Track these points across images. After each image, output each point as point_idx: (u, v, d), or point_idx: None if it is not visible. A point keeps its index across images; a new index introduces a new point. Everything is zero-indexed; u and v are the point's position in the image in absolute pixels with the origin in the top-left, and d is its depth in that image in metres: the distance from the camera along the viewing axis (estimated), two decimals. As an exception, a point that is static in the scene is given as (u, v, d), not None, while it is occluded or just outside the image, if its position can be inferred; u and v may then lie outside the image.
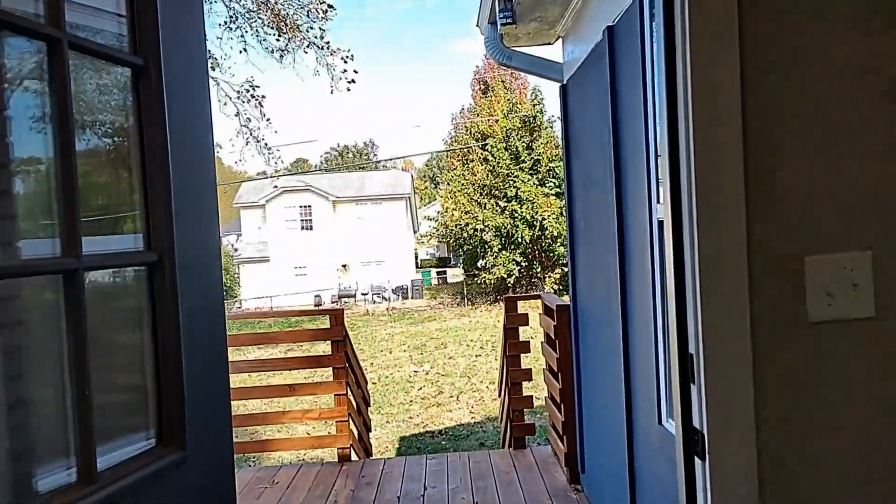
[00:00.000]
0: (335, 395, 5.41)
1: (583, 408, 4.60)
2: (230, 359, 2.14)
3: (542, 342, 5.42)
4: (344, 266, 40.89)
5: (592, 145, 3.84)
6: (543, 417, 8.22)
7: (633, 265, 3.09)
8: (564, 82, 4.56)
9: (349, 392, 5.52)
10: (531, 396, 5.75)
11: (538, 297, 5.60)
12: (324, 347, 10.11)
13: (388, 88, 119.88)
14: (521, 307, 5.66)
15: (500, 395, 6.72)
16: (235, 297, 32.50)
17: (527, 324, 5.61)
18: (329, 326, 5.40)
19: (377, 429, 9.90)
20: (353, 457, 5.68)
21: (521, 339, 5.66)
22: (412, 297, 36.99)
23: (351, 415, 5.53)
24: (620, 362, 3.28)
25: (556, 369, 4.93)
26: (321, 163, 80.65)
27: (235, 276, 33.56)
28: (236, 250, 38.04)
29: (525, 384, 5.72)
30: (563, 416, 4.85)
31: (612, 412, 3.54)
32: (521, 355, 5.69)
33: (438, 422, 10.19)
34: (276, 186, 40.01)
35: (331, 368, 5.39)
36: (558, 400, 4.95)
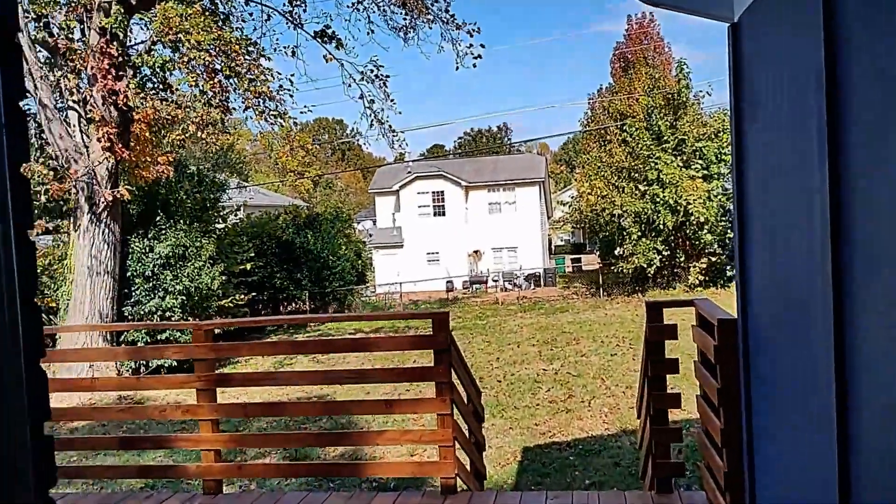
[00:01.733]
0: (438, 414, 4.55)
1: (755, 457, 3.44)
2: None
3: (696, 362, 4.26)
4: (476, 252, 40.32)
5: (784, 106, 2.66)
6: (693, 451, 6.97)
7: (857, 267, 1.96)
8: (736, 19, 3.36)
9: (454, 411, 4.63)
10: (680, 428, 4.60)
11: (691, 304, 4.42)
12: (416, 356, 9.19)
13: (522, 70, 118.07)
14: (668, 316, 4.51)
15: (639, 417, 5.61)
16: (367, 283, 32.76)
17: (675, 337, 4.47)
18: (432, 333, 4.54)
19: (499, 436, 9.01)
20: (460, 485, 4.81)
21: (668, 354, 4.52)
22: (545, 285, 35.78)
23: (457, 439, 4.65)
24: (829, 402, 2.14)
25: (716, 403, 3.79)
26: (455, 147, 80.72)
27: (368, 261, 33.87)
28: (370, 236, 38.45)
29: (672, 410, 4.58)
30: (726, 464, 3.70)
31: (812, 471, 2.40)
32: (668, 376, 4.56)
33: (567, 431, 9.13)
34: (409, 172, 40.05)
35: (433, 383, 4.53)
36: (719, 442, 3.80)
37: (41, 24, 14.11)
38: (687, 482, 6.10)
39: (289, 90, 15.45)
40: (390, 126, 15.39)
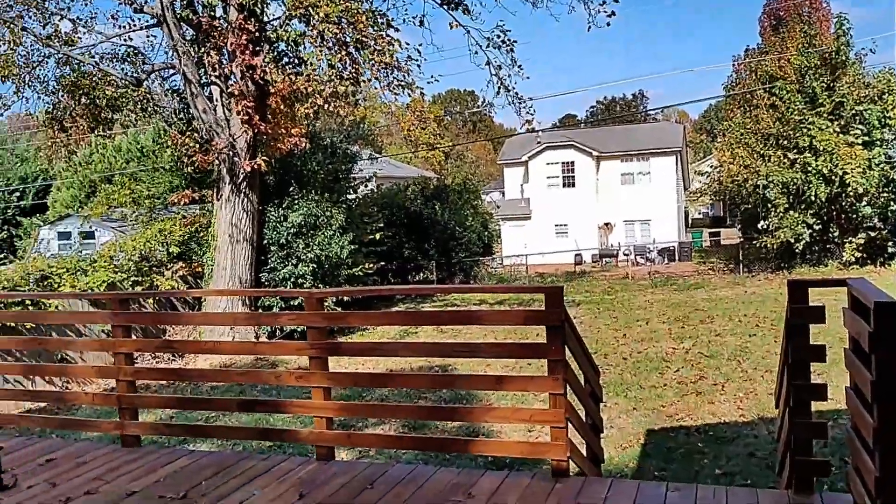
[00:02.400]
0: (550, 394, 4.31)
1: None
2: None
3: (846, 350, 3.74)
4: (607, 225, 39.16)
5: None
6: (840, 446, 6.30)
7: None
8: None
9: (567, 391, 4.37)
10: (824, 424, 4.09)
11: (843, 283, 3.87)
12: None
13: (661, 33, 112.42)
14: (816, 296, 3.98)
15: (777, 406, 5.08)
16: (494, 254, 32.67)
17: (821, 321, 3.94)
18: (544, 308, 4.29)
19: (622, 416, 8.62)
20: (573, 468, 4.56)
21: (814, 340, 4.00)
22: (679, 260, 34.15)
23: (570, 420, 4.40)
24: None
25: (869, 398, 3.29)
26: (588, 117, 78.51)
27: (496, 233, 33.74)
28: (498, 207, 38.25)
29: (816, 403, 4.07)
30: (878, 468, 3.21)
31: None
32: (812, 363, 4.04)
33: (697, 415, 8.58)
34: (538, 143, 39.35)
35: (545, 361, 4.29)
36: (870, 442, 3.30)
37: (185, 2, 14.88)
38: (831, 481, 5.51)
39: (416, 60, 15.43)
40: (517, 93, 15.06)
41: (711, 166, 35.10)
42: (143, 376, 5.61)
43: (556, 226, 39.09)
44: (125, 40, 16.93)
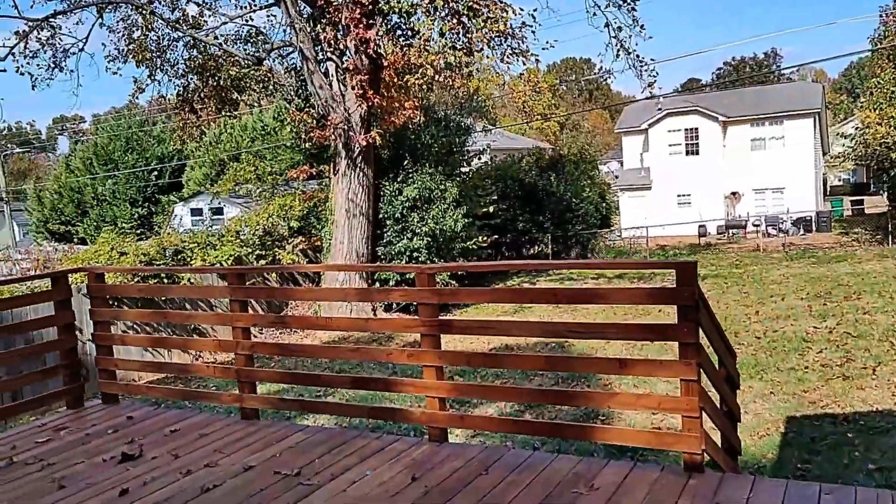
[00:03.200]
0: (682, 380, 3.89)
1: None
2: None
3: None
4: (734, 194, 36.92)
5: None
6: None
7: None
8: None
9: (701, 376, 3.94)
10: None
11: None
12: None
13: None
14: None
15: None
16: (612, 226, 31.58)
17: None
18: (675, 285, 3.85)
19: (757, 401, 7.95)
20: (708, 461, 4.13)
21: None
22: (817, 231, 31.67)
23: (704, 408, 3.96)
24: None
25: None
26: (713, 80, 74.23)
27: (614, 204, 32.56)
28: (616, 178, 36.96)
29: None
30: None
31: None
32: None
33: (844, 402, 7.78)
34: (659, 109, 37.52)
35: (676, 344, 3.87)
36: None
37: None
38: None
39: (531, 27, 14.89)
40: (638, 55, 14.19)
41: (855, 128, 32.18)
42: (259, 350, 5.65)
43: (679, 196, 37.28)
44: (247, 20, 17.43)
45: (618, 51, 14.10)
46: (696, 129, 36.89)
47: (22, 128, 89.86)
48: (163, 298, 11.06)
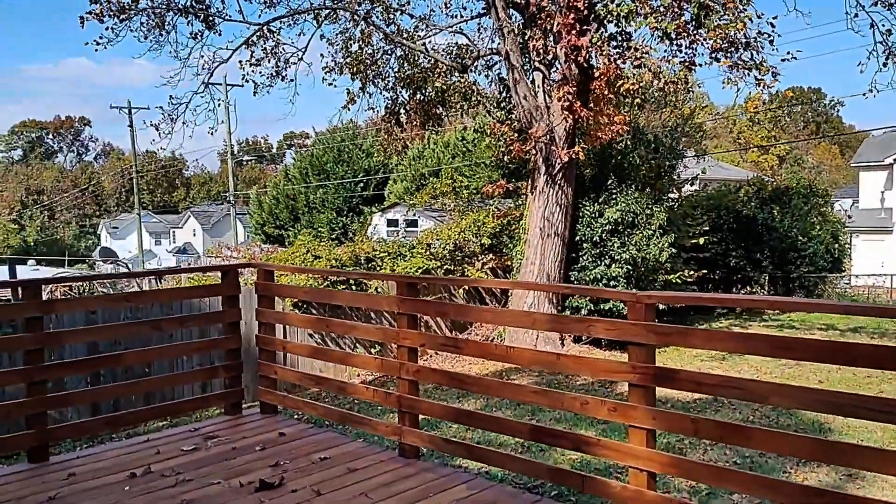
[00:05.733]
0: None
1: None
2: None
3: None
4: None
5: None
6: None
7: None
8: None
9: None
10: None
11: None
12: None
13: None
14: None
15: None
16: (843, 271, 27.53)
17: None
18: None
19: None
20: None
21: None
22: None
23: None
24: None
25: None
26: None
27: (847, 246, 28.41)
28: (850, 217, 32.47)
29: None
30: None
31: None
32: None
33: None
34: (910, 141, 32.50)
35: None
36: None
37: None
38: None
39: (769, 35, 12.96)
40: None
41: None
42: (425, 376, 4.78)
43: (931, 244, 31.95)
44: (457, 30, 17.19)
45: (886, 58, 11.75)
46: (959, 165, 31.44)
47: (257, 141, 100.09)
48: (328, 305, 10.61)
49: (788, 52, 13.23)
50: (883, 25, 11.53)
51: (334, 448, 4.70)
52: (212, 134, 39.59)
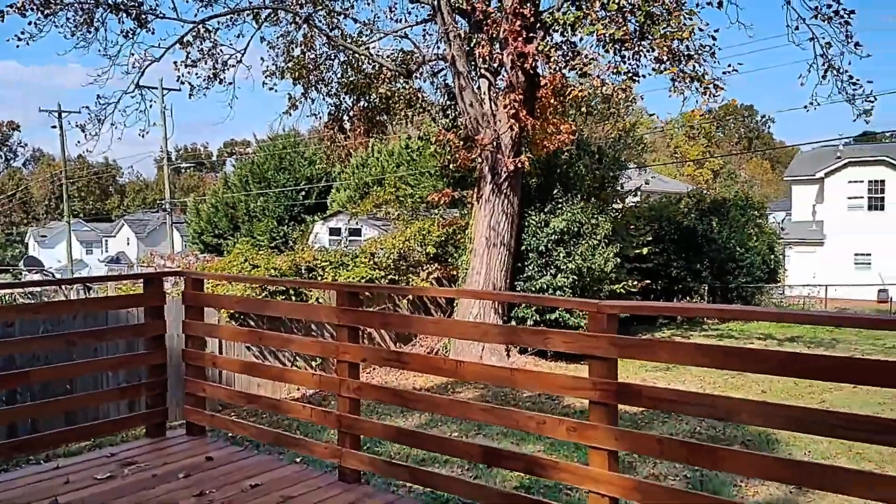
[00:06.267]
0: None
1: None
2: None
3: None
4: (925, 257, 32.28)
5: None
6: None
7: None
8: None
9: None
10: None
11: None
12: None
13: None
14: None
15: None
16: (778, 281, 28.31)
17: None
18: None
19: None
20: None
21: None
22: None
23: None
24: None
25: None
26: (898, 131, 67.17)
27: (781, 257, 29.26)
28: (783, 229, 33.42)
29: None
30: None
31: None
32: None
33: None
34: (838, 157, 33.76)
35: None
36: None
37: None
38: None
39: (710, 47, 13.10)
40: (850, 76, 12.00)
41: None
42: (367, 393, 4.41)
43: (857, 255, 33.15)
44: (401, 36, 16.89)
45: (825, 71, 11.98)
46: (883, 181, 32.78)
47: (196, 148, 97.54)
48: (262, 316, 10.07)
49: (730, 65, 13.37)
50: (823, 38, 11.77)
51: (267, 473, 4.28)
52: (143, 136, 38.11)
